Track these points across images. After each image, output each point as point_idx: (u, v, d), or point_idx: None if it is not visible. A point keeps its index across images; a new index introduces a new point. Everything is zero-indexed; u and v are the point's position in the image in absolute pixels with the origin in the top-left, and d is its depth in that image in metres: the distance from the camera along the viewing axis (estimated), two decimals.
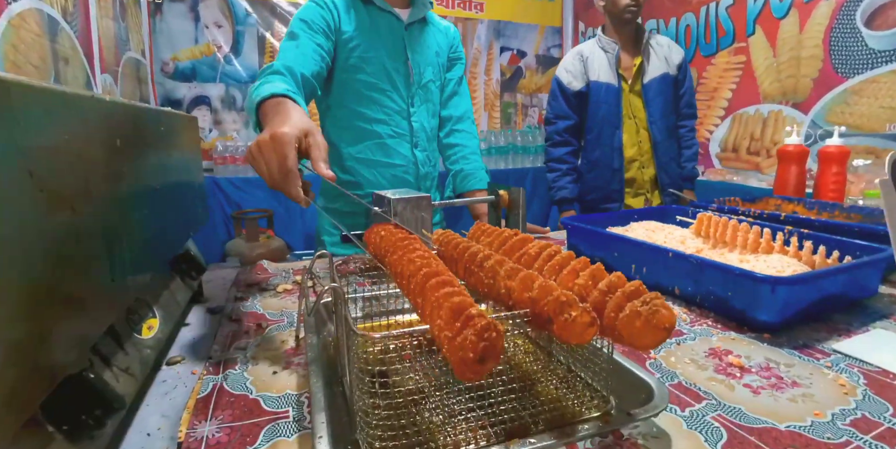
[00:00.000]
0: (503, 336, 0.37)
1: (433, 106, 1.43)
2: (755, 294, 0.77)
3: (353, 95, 1.33)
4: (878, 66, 2.64)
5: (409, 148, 1.39)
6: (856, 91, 2.75)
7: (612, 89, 2.06)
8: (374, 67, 1.31)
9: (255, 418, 0.56)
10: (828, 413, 0.56)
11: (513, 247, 0.59)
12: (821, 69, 2.87)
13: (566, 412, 0.52)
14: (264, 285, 1.02)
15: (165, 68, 3.47)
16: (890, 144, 2.65)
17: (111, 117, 0.50)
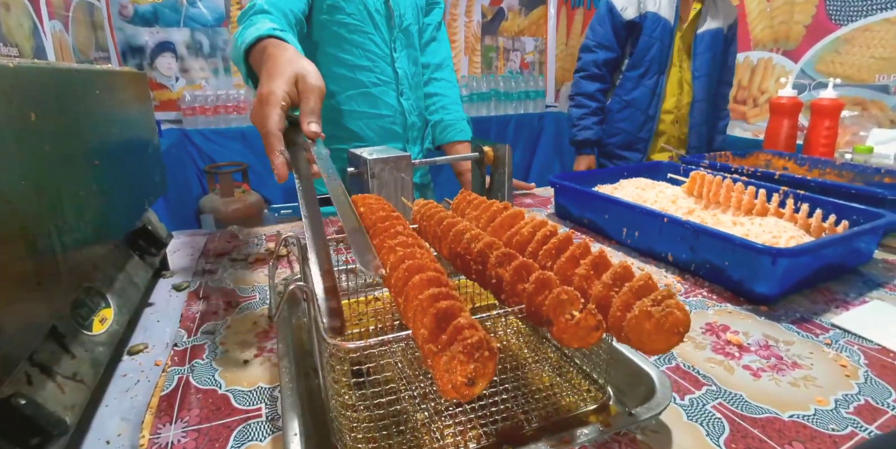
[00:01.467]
0: (497, 355, 0.32)
1: (414, 51, 1.33)
2: (754, 265, 0.73)
3: (333, 39, 1.22)
4: (873, 13, 2.55)
5: (394, 96, 1.29)
6: (848, 40, 2.67)
7: (668, 27, 1.84)
8: (354, 7, 1.20)
9: (225, 418, 0.51)
10: (831, 399, 0.53)
11: (503, 224, 0.53)
12: (814, 16, 2.77)
13: (561, 406, 0.48)
14: (235, 255, 0.95)
15: (124, 12, 3.22)
16: (878, 96, 2.61)
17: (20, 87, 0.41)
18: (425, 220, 0.58)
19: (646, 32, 1.85)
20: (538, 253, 0.46)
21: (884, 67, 2.57)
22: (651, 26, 1.84)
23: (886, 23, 2.53)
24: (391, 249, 0.45)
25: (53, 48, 2.13)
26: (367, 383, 0.50)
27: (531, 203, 1.32)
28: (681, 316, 0.35)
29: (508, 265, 0.42)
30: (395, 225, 0.49)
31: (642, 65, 1.89)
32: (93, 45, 2.78)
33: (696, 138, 1.97)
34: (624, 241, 0.98)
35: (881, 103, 2.63)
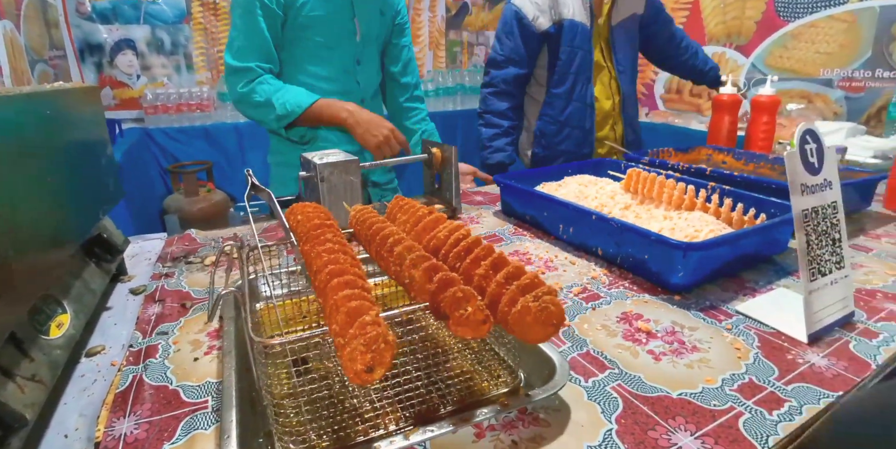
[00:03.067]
0: (393, 346, 0.38)
1: (376, 64, 1.45)
2: (669, 258, 0.80)
3: (302, 53, 1.34)
4: (818, 10, 2.67)
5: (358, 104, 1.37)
6: (795, 35, 2.79)
7: (586, 31, 1.68)
8: (321, 25, 1.31)
9: (174, 411, 0.56)
10: (718, 378, 0.61)
11: (425, 228, 0.59)
12: (764, 12, 2.89)
13: (475, 390, 0.54)
14: (192, 258, 0.99)
15: (81, 9, 3.17)
16: (822, 89, 2.73)
17: None
18: (359, 224, 0.64)
19: (565, 43, 1.68)
20: (450, 255, 0.52)
21: (828, 62, 2.70)
22: (569, 35, 1.68)
23: (830, 19, 2.64)
24: (318, 254, 0.50)
25: (5, 49, 2.10)
26: (303, 375, 0.55)
27: (482, 201, 1.38)
28: (555, 310, 0.41)
29: (419, 267, 0.48)
30: (325, 233, 0.55)
31: (568, 79, 1.73)
32: (47, 43, 2.73)
33: (631, 132, 1.90)
34: (561, 236, 1.05)
35: (825, 97, 2.75)
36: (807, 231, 0.69)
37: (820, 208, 0.72)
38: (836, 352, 0.68)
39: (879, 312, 0.79)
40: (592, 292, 0.83)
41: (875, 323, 0.76)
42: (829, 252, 0.73)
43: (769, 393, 0.59)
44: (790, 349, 0.68)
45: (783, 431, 0.53)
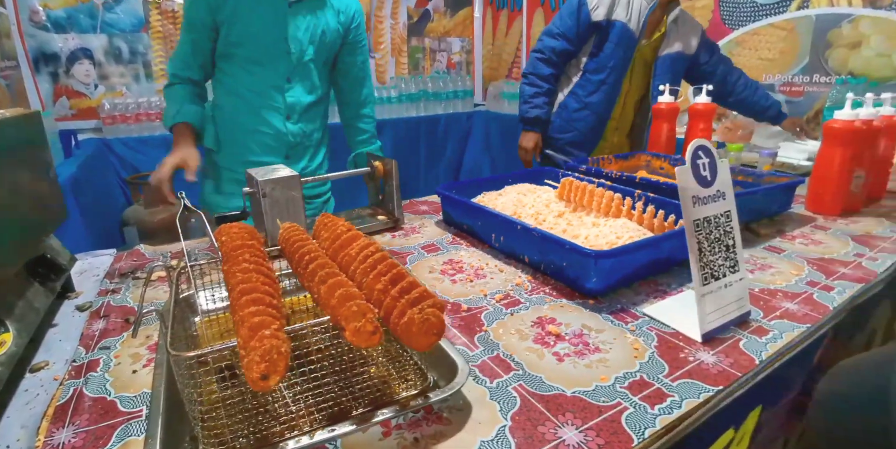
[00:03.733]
0: (287, 357, 0.43)
1: (311, 82, 1.50)
2: (583, 265, 0.87)
3: (233, 67, 1.44)
4: (760, 18, 2.80)
5: (281, 120, 1.48)
6: (739, 42, 2.92)
7: (632, 39, 1.94)
8: (252, 43, 1.39)
9: (110, 420, 0.61)
10: (612, 377, 0.67)
11: (341, 245, 0.64)
12: (711, 19, 3.02)
13: (388, 393, 0.60)
14: (138, 273, 1.03)
15: (35, 18, 3.12)
16: None
17: None
18: (284, 242, 0.69)
19: (612, 40, 1.93)
20: (357, 270, 0.58)
21: (769, 68, 2.83)
22: (618, 34, 1.92)
23: (771, 27, 2.78)
24: (233, 274, 0.55)
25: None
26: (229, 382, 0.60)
27: (426, 210, 1.44)
28: (435, 321, 0.47)
29: (325, 283, 0.53)
30: (243, 253, 0.60)
31: (604, 70, 1.99)
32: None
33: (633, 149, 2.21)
34: (493, 244, 1.11)
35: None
36: (698, 239, 0.77)
37: (713, 217, 0.79)
38: (725, 349, 0.75)
39: (776, 310, 0.87)
40: (514, 298, 0.90)
41: (769, 321, 0.84)
42: (723, 258, 0.81)
43: (656, 389, 0.66)
44: (684, 348, 0.75)
45: (661, 423, 0.59)
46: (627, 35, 1.93)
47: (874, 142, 1.45)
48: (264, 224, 1.01)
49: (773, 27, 2.77)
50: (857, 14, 2.46)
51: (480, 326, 0.81)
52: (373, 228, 1.24)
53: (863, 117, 1.37)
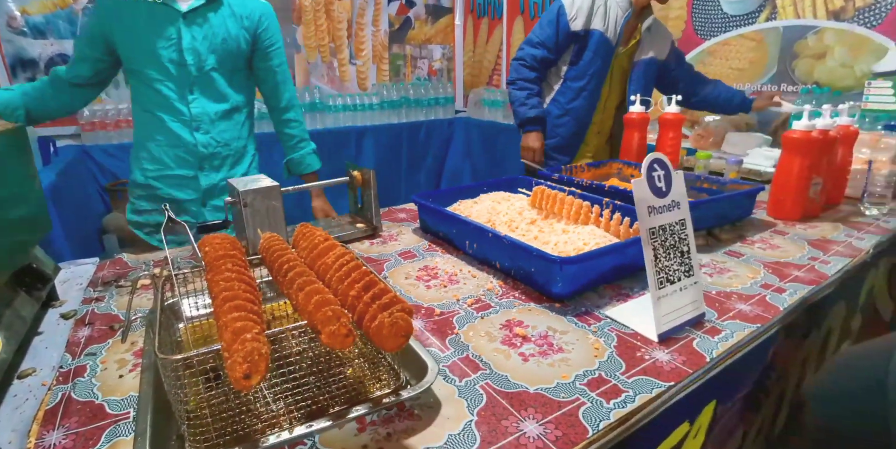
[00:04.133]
0: (267, 358, 0.48)
1: (218, 92, 1.51)
2: (550, 270, 0.93)
3: (139, 85, 1.47)
4: (731, 29, 2.90)
5: (189, 132, 1.49)
6: (711, 52, 3.02)
7: (609, 48, 2.05)
8: (147, 58, 1.42)
9: (99, 422, 0.64)
10: (573, 375, 0.73)
11: (319, 254, 0.69)
12: (684, 30, 3.11)
13: (362, 392, 0.64)
14: (122, 282, 1.06)
15: (13, 24, 3.11)
16: None
17: None
18: (265, 251, 0.73)
19: (590, 48, 2.04)
20: (333, 278, 0.62)
21: (740, 77, 2.93)
22: (596, 43, 2.03)
23: (741, 38, 2.88)
24: (216, 282, 0.59)
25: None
26: (214, 385, 0.64)
27: (404, 217, 1.49)
28: (403, 324, 0.52)
29: (303, 290, 0.58)
30: (226, 263, 0.64)
31: (584, 77, 2.10)
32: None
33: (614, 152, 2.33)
34: (467, 251, 1.16)
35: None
36: (654, 246, 0.82)
37: (668, 226, 0.85)
38: (679, 348, 0.81)
39: (730, 311, 0.93)
40: (485, 302, 0.95)
41: (722, 322, 0.90)
42: (678, 263, 0.86)
43: (612, 386, 0.71)
44: (641, 348, 0.81)
45: (615, 416, 0.65)
46: (605, 43, 2.04)
47: (831, 150, 1.53)
48: (245, 233, 1.05)
49: (743, 38, 2.87)
50: (821, 26, 2.56)
51: (452, 330, 0.85)
52: (352, 235, 1.28)
53: (820, 127, 1.45)
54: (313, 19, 3.84)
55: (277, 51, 1.58)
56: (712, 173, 1.99)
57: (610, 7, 2.04)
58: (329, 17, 3.89)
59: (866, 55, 2.43)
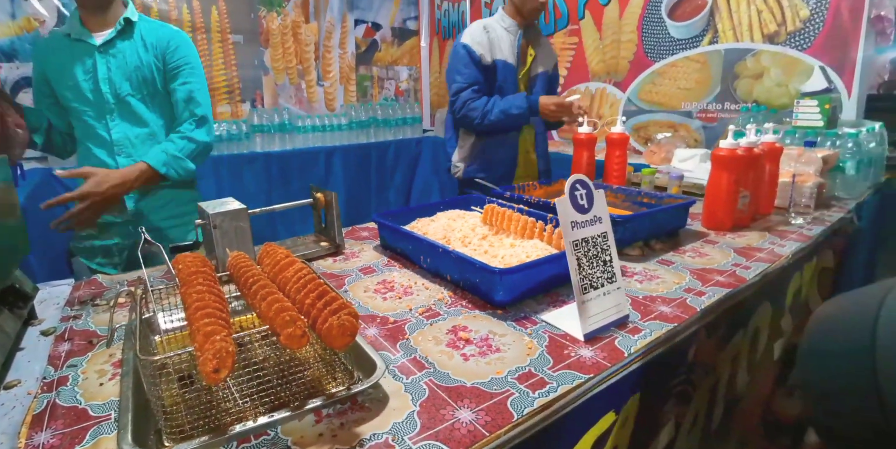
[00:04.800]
0: (233, 355, 0.57)
1: (136, 116, 1.63)
2: (491, 281, 1.04)
3: (72, 118, 1.63)
4: (677, 52, 3.10)
5: (110, 156, 1.63)
6: (661, 73, 3.22)
7: (512, 70, 2.19)
8: (71, 92, 1.57)
9: (84, 423, 0.72)
10: (506, 371, 0.83)
11: (280, 269, 0.78)
12: (635, 52, 3.31)
13: (319, 389, 0.74)
14: (97, 300, 1.13)
15: None
16: (684, 120, 3.16)
17: None
18: (233, 268, 0.83)
19: (499, 78, 2.18)
20: (292, 289, 0.72)
21: (687, 96, 3.12)
22: (503, 71, 2.17)
23: (687, 60, 3.08)
24: (189, 295, 0.69)
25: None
26: (188, 386, 0.73)
27: (366, 236, 1.59)
28: (349, 325, 0.62)
29: (265, 300, 0.67)
30: (197, 278, 0.73)
31: None
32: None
33: (543, 163, 2.44)
34: (422, 265, 1.27)
35: (687, 126, 3.17)
36: (577, 256, 0.94)
37: (590, 238, 0.97)
38: (602, 346, 0.92)
39: (652, 313, 1.05)
40: (435, 311, 1.05)
41: (644, 322, 1.01)
42: (601, 271, 0.98)
43: (539, 379, 0.81)
44: (569, 346, 0.92)
45: (538, 404, 0.75)
46: (509, 69, 2.19)
47: (757, 165, 1.68)
48: (215, 252, 1.14)
49: (689, 60, 3.06)
50: (758, 49, 2.76)
51: (403, 335, 0.95)
52: (316, 253, 1.38)
53: (744, 145, 1.60)
54: (281, 42, 3.95)
55: (182, 71, 1.64)
56: (657, 188, 2.14)
57: (501, 36, 2.18)
58: (297, 40, 4.00)
59: (798, 75, 2.64)
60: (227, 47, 3.75)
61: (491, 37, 2.16)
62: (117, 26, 1.58)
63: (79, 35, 1.55)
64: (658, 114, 3.30)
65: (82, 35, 1.55)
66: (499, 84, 2.19)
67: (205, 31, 3.66)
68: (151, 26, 1.65)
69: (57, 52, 1.57)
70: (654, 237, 1.51)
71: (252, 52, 3.85)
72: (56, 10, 3.28)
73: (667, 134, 3.20)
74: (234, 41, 3.78)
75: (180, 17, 3.61)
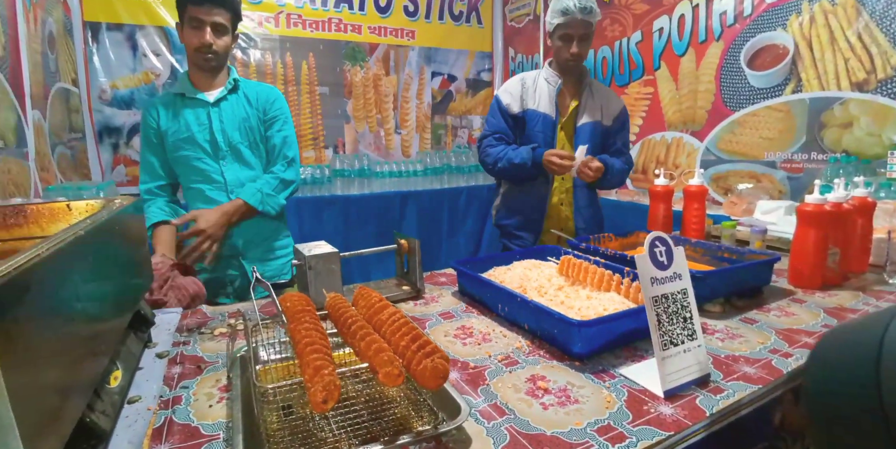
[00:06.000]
0: (339, 388, 0.63)
1: (245, 160, 1.85)
2: (570, 332, 1.06)
3: (181, 166, 1.83)
4: (758, 101, 3.05)
5: (224, 195, 1.82)
6: (741, 122, 3.16)
7: (549, 120, 2.16)
8: (187, 143, 1.78)
9: (196, 440, 0.80)
10: (585, 422, 0.85)
11: (376, 311, 0.85)
12: (713, 102, 3.29)
13: (407, 426, 0.79)
14: (203, 329, 1.25)
15: (103, 96, 3.57)
16: (767, 170, 3.07)
17: (83, 245, 0.73)
18: (331, 308, 0.91)
19: (529, 126, 2.18)
20: (387, 331, 0.78)
21: (770, 146, 3.04)
22: (533, 121, 2.17)
23: (769, 109, 3.01)
24: (298, 331, 0.76)
25: (34, 136, 2.44)
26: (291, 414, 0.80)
27: (444, 281, 1.66)
28: (442, 368, 0.67)
29: (364, 340, 0.74)
30: (304, 316, 0.82)
31: None
32: (66, 127, 3.08)
33: (581, 220, 2.29)
34: (499, 313, 1.31)
35: (771, 177, 3.07)
36: (657, 312, 0.95)
37: (670, 294, 0.98)
38: (683, 404, 0.92)
39: (735, 373, 1.03)
40: (514, 359, 1.08)
41: (727, 382, 1.00)
42: (681, 327, 0.99)
43: (619, 433, 0.82)
44: (648, 402, 0.92)
45: None
46: (543, 118, 2.17)
47: (847, 220, 1.61)
48: (309, 291, 1.23)
49: (771, 109, 2.99)
50: (846, 97, 2.67)
51: (483, 381, 0.99)
52: (398, 296, 1.45)
53: (832, 200, 1.55)
54: (362, 93, 4.25)
55: (278, 121, 1.88)
56: (739, 242, 2.08)
57: (539, 85, 2.19)
58: (377, 91, 4.30)
59: (891, 124, 2.51)
60: (313, 98, 4.12)
61: (526, 87, 2.20)
62: (228, 85, 1.83)
63: (192, 94, 1.79)
64: (739, 164, 3.22)
65: (196, 94, 1.79)
66: (527, 133, 2.19)
67: (295, 83, 4.03)
68: (250, 84, 1.91)
69: (171, 108, 1.79)
70: (735, 294, 1.47)
71: (336, 102, 4.20)
72: (170, 66, 3.72)
73: (748, 185, 3.11)
74: (321, 92, 4.17)
75: (274, 71, 3.99)
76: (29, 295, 0.52)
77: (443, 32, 4.57)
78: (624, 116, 2.33)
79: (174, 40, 3.70)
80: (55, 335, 0.60)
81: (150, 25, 3.65)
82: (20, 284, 0.51)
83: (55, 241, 0.63)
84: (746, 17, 3.04)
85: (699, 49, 3.34)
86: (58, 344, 0.61)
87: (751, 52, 3.05)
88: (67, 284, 0.67)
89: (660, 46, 3.60)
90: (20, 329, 0.50)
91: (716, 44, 3.22)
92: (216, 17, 1.69)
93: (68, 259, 0.68)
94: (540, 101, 2.18)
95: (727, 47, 3.15)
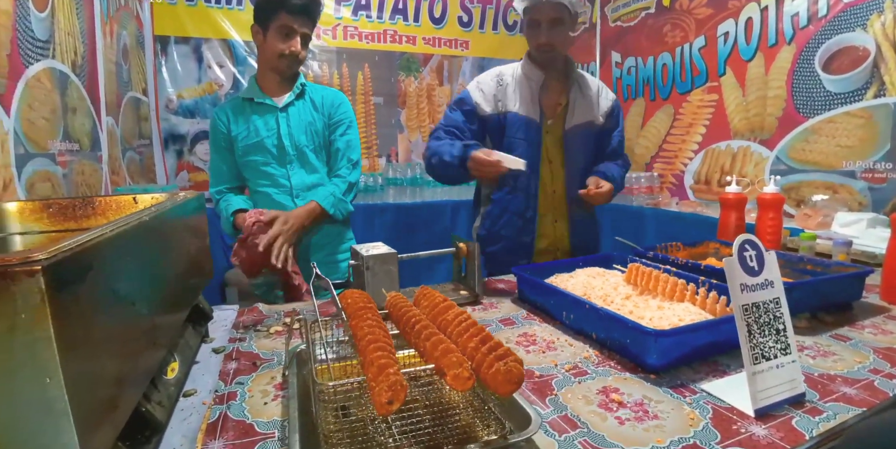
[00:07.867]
0: (406, 389, 0.58)
1: (311, 164, 1.85)
2: (644, 343, 0.98)
3: (249, 171, 1.85)
4: (835, 107, 2.85)
5: (290, 199, 1.83)
6: (815, 130, 2.96)
7: (533, 125, 1.79)
8: (256, 148, 1.80)
9: (251, 438, 0.77)
10: (667, 440, 0.76)
11: (439, 311, 0.80)
12: (784, 109, 3.10)
13: (472, 435, 0.73)
14: (259, 327, 1.23)
15: (170, 105, 3.76)
16: (846, 180, 2.85)
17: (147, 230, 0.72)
18: (392, 307, 0.86)
19: (508, 133, 1.80)
20: (453, 332, 0.73)
21: (849, 155, 2.83)
22: (514, 127, 1.79)
23: (847, 115, 2.81)
24: (361, 327, 0.72)
25: (107, 140, 2.59)
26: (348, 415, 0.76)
27: (503, 288, 1.59)
28: (516, 372, 0.61)
29: (430, 340, 0.69)
30: (366, 313, 0.77)
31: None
32: (136, 134, 3.27)
33: (577, 239, 1.96)
34: (564, 321, 1.23)
35: (850, 187, 2.86)
36: (748, 322, 0.86)
37: (761, 303, 0.89)
38: (778, 425, 0.82)
39: (833, 394, 0.92)
40: (582, 369, 1.01)
41: (825, 403, 0.89)
42: (773, 340, 0.89)
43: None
44: (737, 421, 0.83)
45: None
46: (524, 123, 1.80)
47: None
48: (366, 292, 1.20)
49: (849, 115, 2.79)
50: None
51: (551, 391, 0.92)
52: (456, 301, 1.38)
53: None
54: (416, 103, 4.29)
55: (342, 124, 1.88)
56: (819, 255, 1.93)
57: (520, 84, 1.83)
58: (430, 102, 4.32)
59: None
60: (368, 108, 4.21)
61: (503, 85, 1.83)
62: (295, 90, 1.84)
63: (261, 99, 1.81)
64: (813, 174, 3.01)
65: (264, 99, 1.81)
66: (507, 141, 1.81)
67: (351, 93, 4.12)
68: (316, 88, 1.91)
69: (240, 113, 1.81)
70: (822, 309, 1.35)
71: (390, 112, 4.26)
72: (232, 77, 3.86)
73: (824, 196, 2.91)
74: (375, 102, 4.25)
75: (331, 81, 4.08)
76: (91, 274, 0.50)
77: (496, 42, 4.56)
78: (617, 110, 1.98)
79: (237, 52, 3.84)
80: (115, 319, 0.58)
81: (215, 38, 3.80)
82: (83, 261, 0.49)
83: (121, 223, 0.62)
84: (821, 18, 2.86)
85: (768, 53, 3.17)
86: (117, 329, 0.59)
87: (826, 55, 2.87)
88: (130, 268, 0.65)
89: (725, 51, 3.44)
90: (80, 308, 0.48)
91: (787, 47, 3.05)
92: (306, 28, 1.73)
93: (132, 243, 0.66)
94: (520, 101, 1.81)
95: (800, 50, 2.97)
